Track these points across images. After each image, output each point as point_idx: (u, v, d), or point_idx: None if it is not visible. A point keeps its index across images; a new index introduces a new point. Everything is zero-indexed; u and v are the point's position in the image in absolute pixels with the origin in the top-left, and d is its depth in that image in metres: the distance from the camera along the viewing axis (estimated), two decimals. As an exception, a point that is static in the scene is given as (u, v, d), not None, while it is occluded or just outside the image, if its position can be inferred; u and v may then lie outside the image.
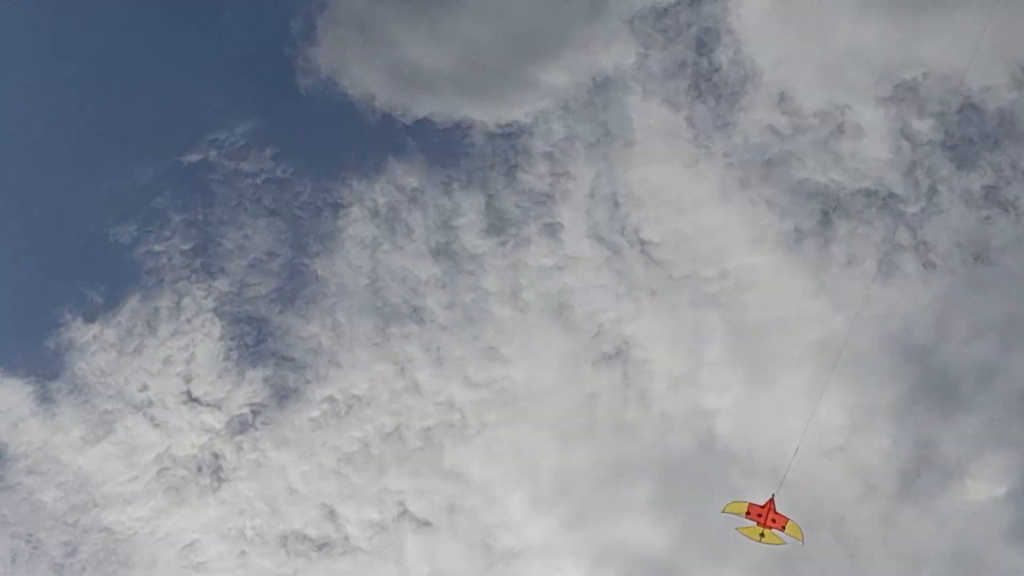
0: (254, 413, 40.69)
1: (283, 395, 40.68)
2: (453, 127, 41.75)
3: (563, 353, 40.81)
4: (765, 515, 32.71)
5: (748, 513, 32.84)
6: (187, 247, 40.98)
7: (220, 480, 40.54)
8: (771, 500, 32.90)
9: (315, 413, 40.73)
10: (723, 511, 33.27)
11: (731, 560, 40.22)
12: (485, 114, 41.71)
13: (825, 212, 40.52)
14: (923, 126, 40.34)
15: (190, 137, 40.95)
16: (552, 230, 41.20)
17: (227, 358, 40.74)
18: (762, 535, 32.89)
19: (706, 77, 41.35)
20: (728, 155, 40.88)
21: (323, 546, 40.39)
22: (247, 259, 41.02)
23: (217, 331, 40.82)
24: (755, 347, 40.50)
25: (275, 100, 41.63)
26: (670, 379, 40.71)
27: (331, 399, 40.88)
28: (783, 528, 32.83)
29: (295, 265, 41.09)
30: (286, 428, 40.65)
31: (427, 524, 40.51)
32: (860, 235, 40.41)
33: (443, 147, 41.62)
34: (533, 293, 40.96)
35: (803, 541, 33.08)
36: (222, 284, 40.92)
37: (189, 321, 40.84)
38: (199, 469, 40.57)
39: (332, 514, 40.53)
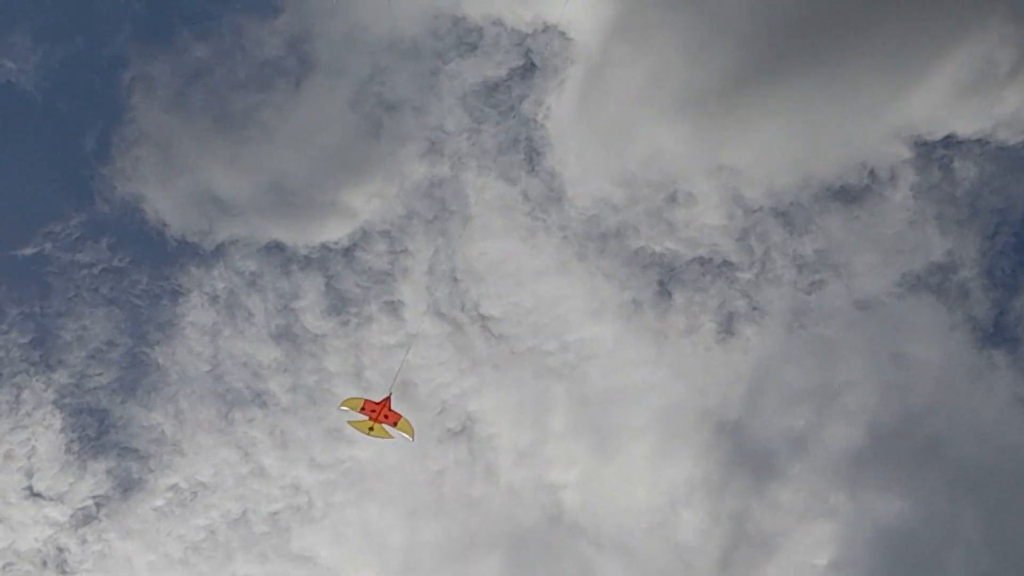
0: (98, 505, 40.30)
1: (127, 486, 40.42)
2: (260, 250, 41.65)
3: (408, 431, 40.82)
4: (379, 410, 33.18)
5: (364, 409, 33.25)
6: (25, 340, 40.62)
7: (65, 573, 40.10)
8: (388, 397, 33.38)
9: (159, 502, 40.46)
10: (340, 407, 33.62)
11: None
12: (295, 236, 41.56)
13: (661, 282, 40.95)
14: (755, 192, 40.82)
15: (24, 230, 40.71)
16: (393, 308, 41.27)
17: (68, 451, 40.34)
18: (371, 429, 33.28)
19: (539, 151, 41.68)
20: (564, 228, 41.17)
21: (172, 636, 40.21)
22: (86, 350, 40.74)
23: (58, 424, 40.43)
24: (598, 418, 40.80)
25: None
26: (516, 453, 40.99)
27: (175, 487, 40.60)
28: (395, 424, 33.31)
29: (135, 354, 40.89)
30: (131, 519, 40.36)
31: (277, 610, 40.44)
32: (697, 303, 40.86)
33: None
34: (376, 372, 41.01)
35: (413, 438, 33.44)
36: (62, 376, 40.60)
37: (29, 415, 40.41)
38: (44, 563, 40.09)
39: (180, 604, 40.33)
